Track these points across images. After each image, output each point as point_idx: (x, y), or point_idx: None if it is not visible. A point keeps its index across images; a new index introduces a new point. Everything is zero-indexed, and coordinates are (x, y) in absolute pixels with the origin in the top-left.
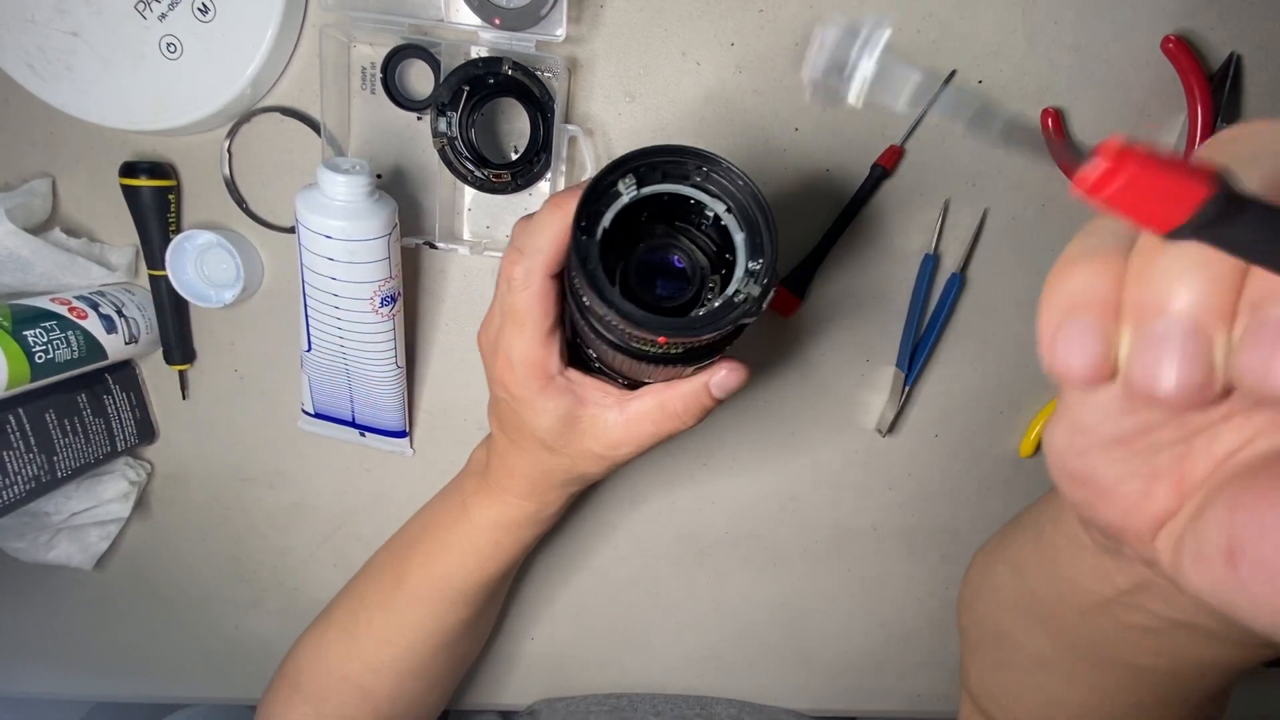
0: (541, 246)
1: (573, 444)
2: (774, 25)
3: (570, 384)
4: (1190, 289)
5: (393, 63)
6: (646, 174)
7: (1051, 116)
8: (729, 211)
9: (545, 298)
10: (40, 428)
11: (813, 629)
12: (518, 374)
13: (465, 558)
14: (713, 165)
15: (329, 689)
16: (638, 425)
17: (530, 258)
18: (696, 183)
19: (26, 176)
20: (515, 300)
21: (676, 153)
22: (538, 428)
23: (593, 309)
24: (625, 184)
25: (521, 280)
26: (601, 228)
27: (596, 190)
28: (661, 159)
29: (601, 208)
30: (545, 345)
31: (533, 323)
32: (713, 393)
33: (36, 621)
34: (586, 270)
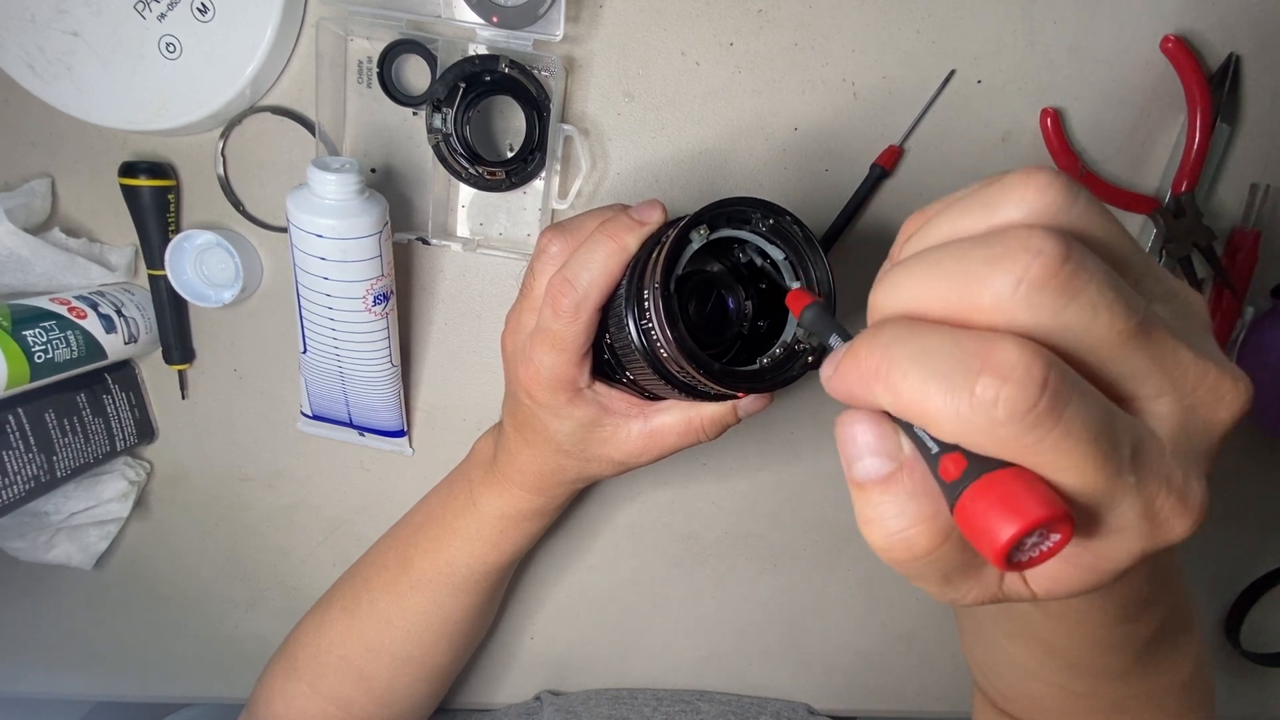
0: (596, 282)
1: (590, 450)
2: (773, 25)
3: (596, 395)
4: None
5: (389, 58)
6: (714, 219)
7: (1051, 117)
8: (786, 260)
9: (590, 328)
10: (40, 427)
11: (813, 629)
12: (546, 385)
13: (471, 545)
14: (778, 216)
15: (327, 667)
16: (661, 437)
17: (583, 294)
18: (760, 231)
19: (26, 176)
20: (561, 329)
21: (746, 203)
22: (558, 433)
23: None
24: (698, 234)
25: (570, 313)
26: (675, 277)
27: (679, 246)
28: (731, 208)
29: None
30: (579, 365)
31: (573, 348)
32: (739, 415)
33: (36, 621)
34: (675, 331)
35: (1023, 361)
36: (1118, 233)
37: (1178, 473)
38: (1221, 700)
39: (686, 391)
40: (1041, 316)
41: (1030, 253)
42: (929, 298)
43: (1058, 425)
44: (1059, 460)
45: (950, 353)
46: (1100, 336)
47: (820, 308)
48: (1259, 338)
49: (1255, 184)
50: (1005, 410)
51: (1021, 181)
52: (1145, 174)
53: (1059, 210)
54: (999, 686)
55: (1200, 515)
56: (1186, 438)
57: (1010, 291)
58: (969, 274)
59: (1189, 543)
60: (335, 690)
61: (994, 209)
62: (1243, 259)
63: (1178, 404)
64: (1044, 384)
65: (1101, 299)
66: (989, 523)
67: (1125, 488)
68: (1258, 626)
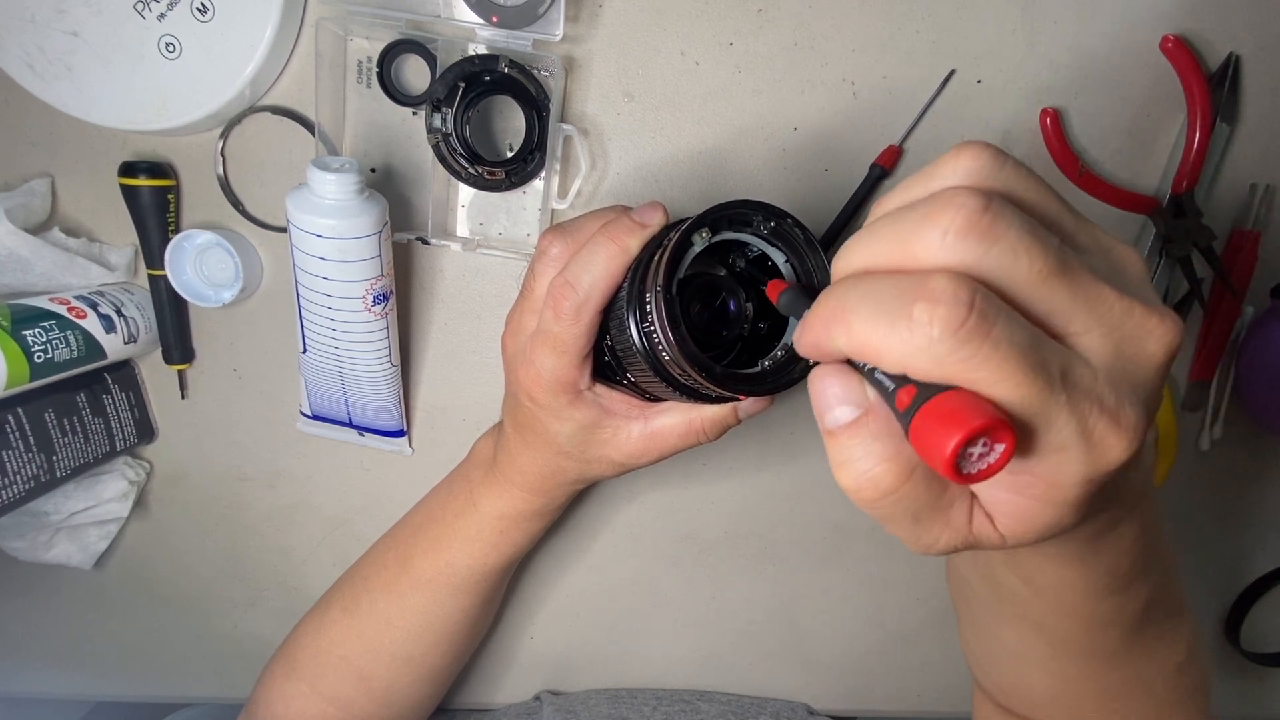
0: (598, 284)
1: (590, 451)
2: (773, 25)
3: (597, 397)
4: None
5: (389, 58)
6: (716, 222)
7: (1050, 117)
8: (787, 263)
9: (591, 331)
10: (39, 427)
11: (813, 629)
12: (547, 387)
13: (471, 545)
14: (780, 219)
15: (326, 667)
16: (661, 439)
17: (585, 297)
18: (761, 234)
19: (26, 176)
20: (562, 331)
21: (747, 206)
22: (558, 435)
23: (676, 363)
24: (700, 237)
25: (572, 315)
26: (677, 280)
27: (681, 250)
28: (733, 211)
29: (680, 265)
30: (580, 367)
31: (574, 350)
32: (740, 417)
33: (36, 621)
34: (677, 334)
35: (951, 286)
36: (1044, 193)
37: (1110, 395)
38: (1221, 700)
39: (687, 394)
40: (967, 260)
41: (954, 207)
42: (875, 257)
43: (986, 340)
44: (992, 374)
45: (892, 289)
46: (1023, 275)
47: (793, 291)
48: (1259, 338)
49: (1255, 184)
50: (939, 328)
51: (955, 153)
52: (1145, 174)
53: (986, 174)
54: (995, 679)
55: (1135, 436)
56: (1120, 367)
57: (939, 242)
58: (905, 233)
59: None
60: (335, 690)
61: (932, 179)
62: (1243, 259)
63: (1105, 338)
64: (970, 303)
65: (1020, 243)
66: (935, 437)
67: (1058, 404)
68: (1258, 626)
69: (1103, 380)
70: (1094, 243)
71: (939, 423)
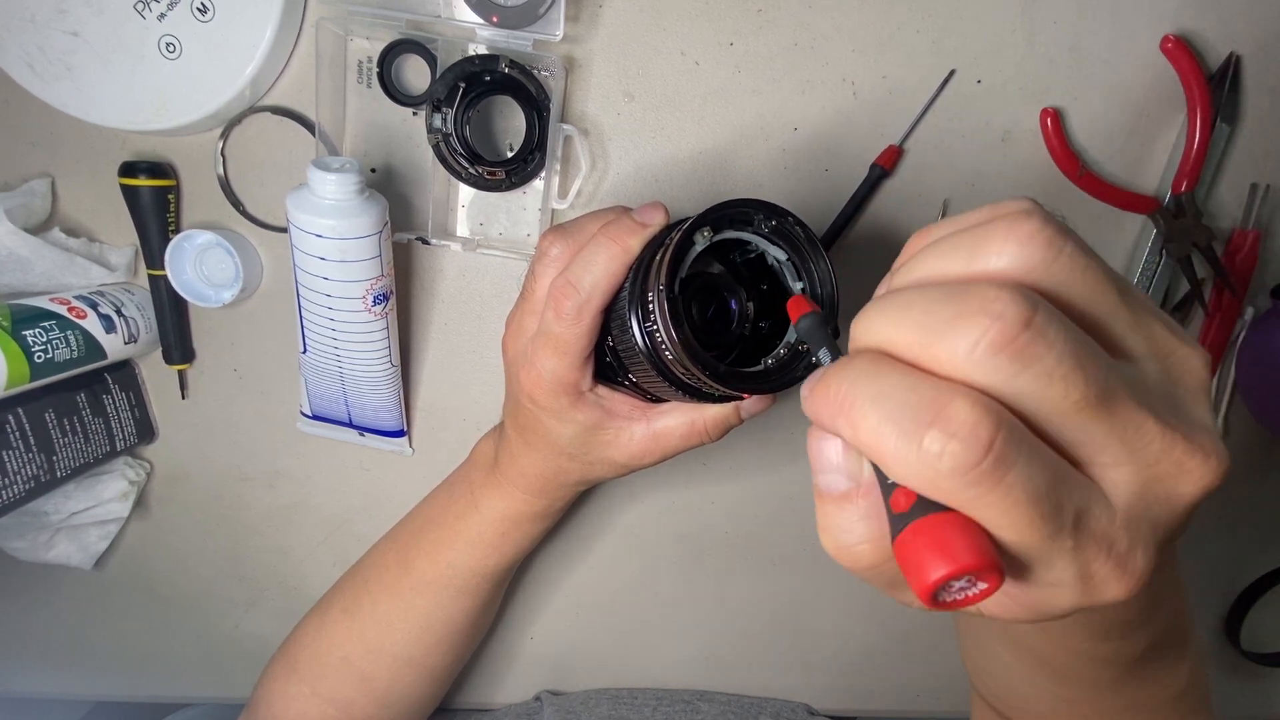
0: (599, 285)
1: (592, 453)
2: (773, 25)
3: (599, 399)
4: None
5: (389, 58)
6: (718, 221)
7: (1051, 117)
8: (788, 261)
9: (592, 331)
10: (40, 427)
11: (813, 629)
12: (549, 388)
13: (472, 547)
14: (780, 218)
15: (327, 669)
16: (664, 440)
17: (586, 297)
18: (762, 233)
19: (26, 176)
20: (564, 332)
21: (748, 205)
22: (560, 436)
23: (679, 362)
24: (702, 236)
25: (573, 315)
26: (679, 279)
27: (683, 249)
28: (734, 210)
29: (682, 264)
30: (582, 369)
31: (576, 351)
32: (742, 416)
33: (36, 621)
34: (680, 333)
35: (971, 419)
36: (1103, 288)
37: (1123, 541)
38: (1221, 700)
39: (690, 393)
40: (994, 380)
41: (990, 316)
42: (898, 341)
43: (998, 486)
44: (997, 517)
45: (907, 400)
46: (1054, 405)
47: (815, 319)
48: (1259, 338)
49: (1255, 184)
50: (948, 464)
51: (1005, 231)
52: (1145, 174)
53: (1037, 266)
54: (994, 690)
55: (1138, 583)
56: (1144, 507)
57: (966, 352)
58: (933, 328)
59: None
60: (335, 691)
61: (975, 256)
62: (1243, 259)
63: (1136, 475)
64: (989, 445)
65: (1058, 369)
66: (921, 561)
67: (1061, 550)
68: (1258, 626)
69: (1120, 523)
70: (1151, 348)
71: (928, 548)
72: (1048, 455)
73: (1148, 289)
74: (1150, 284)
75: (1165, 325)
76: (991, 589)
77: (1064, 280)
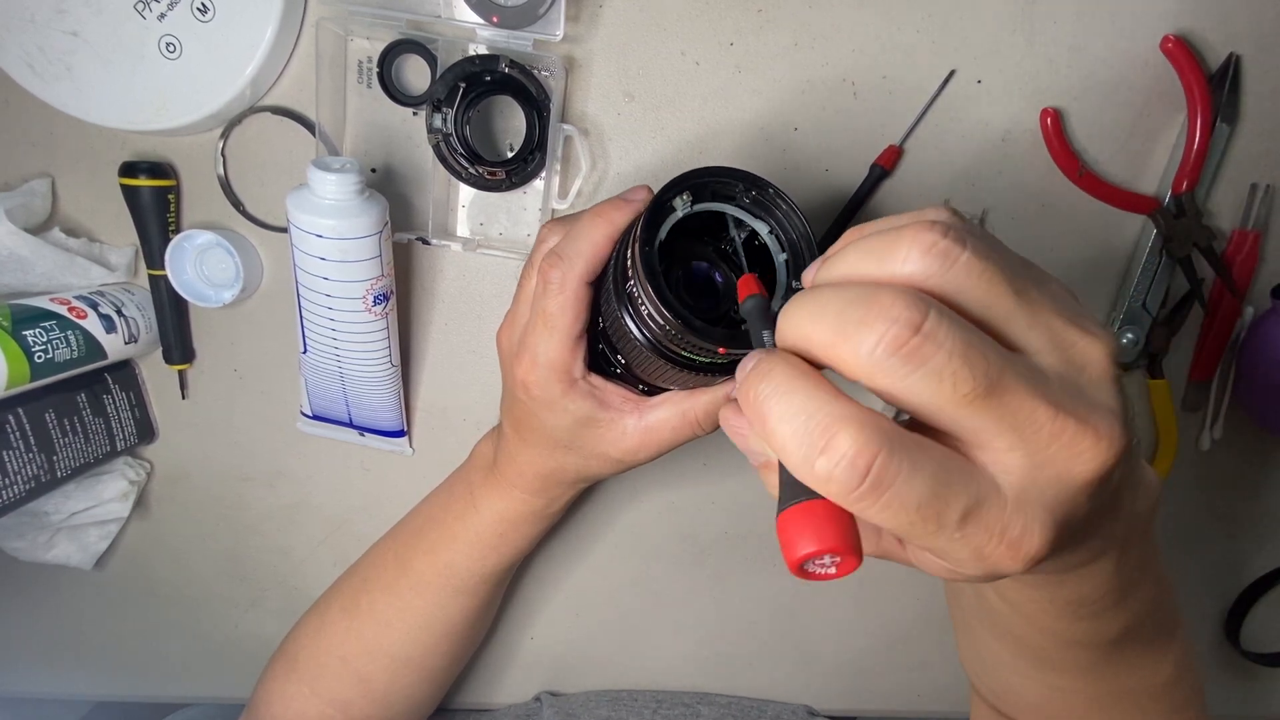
0: (582, 252)
1: (587, 446)
2: (773, 25)
3: (592, 388)
4: None
5: (389, 58)
6: (699, 191)
7: (1051, 117)
8: (771, 233)
9: (579, 303)
10: (40, 427)
11: (813, 628)
12: (541, 374)
13: (471, 548)
14: (761, 189)
15: (326, 669)
16: (657, 432)
17: (569, 263)
18: (744, 205)
19: (26, 176)
20: (550, 303)
21: (728, 174)
22: (555, 428)
23: (653, 316)
24: (681, 201)
25: (559, 284)
26: (659, 239)
27: (659, 206)
28: (714, 179)
29: (659, 221)
30: (572, 350)
31: (564, 326)
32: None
33: (36, 621)
34: (653, 281)
35: (852, 450)
36: (997, 290)
37: (1016, 524)
38: (1221, 700)
39: (673, 362)
40: (891, 379)
41: (887, 320)
42: (814, 336)
43: (876, 502)
44: (881, 521)
45: (806, 426)
46: (946, 399)
47: (758, 303)
48: (1259, 338)
49: (1255, 184)
50: (835, 488)
51: (910, 238)
52: (1145, 174)
53: (935, 273)
54: (989, 683)
55: (1033, 558)
56: (1036, 489)
57: (868, 354)
58: (843, 330)
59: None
60: (334, 692)
61: (885, 260)
62: (1243, 259)
63: (1027, 458)
64: (865, 472)
65: (947, 366)
66: (791, 538)
67: (949, 539)
68: (1258, 626)
69: (1012, 506)
70: (1050, 340)
71: (799, 528)
72: (929, 465)
73: (1147, 289)
74: (1150, 284)
75: (1066, 318)
76: (849, 568)
77: (959, 285)
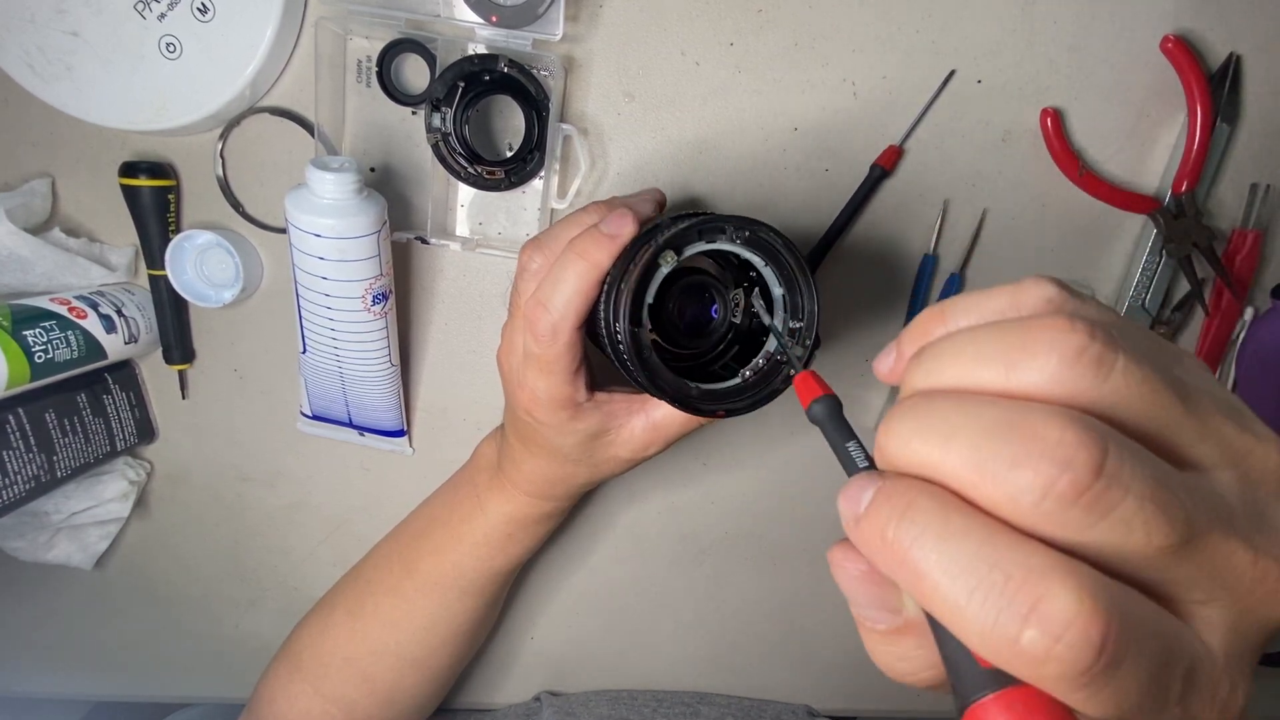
0: (569, 301)
1: (596, 454)
2: (773, 25)
3: (597, 405)
4: None
5: (388, 57)
6: (679, 243)
7: (1051, 117)
8: (766, 265)
9: (573, 348)
10: (40, 427)
11: (813, 628)
12: (544, 406)
13: (479, 549)
14: (753, 228)
15: (330, 669)
16: (664, 429)
17: (556, 314)
18: (735, 242)
19: (26, 176)
20: (543, 352)
21: (717, 220)
22: (563, 446)
23: (647, 390)
24: (665, 259)
25: (549, 337)
26: (647, 305)
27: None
28: (701, 226)
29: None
30: (573, 383)
31: (561, 369)
32: None
33: (36, 621)
34: (646, 366)
35: (1080, 618)
36: (1163, 401)
37: (1224, 685)
38: None
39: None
40: (1066, 533)
41: (1057, 464)
42: (943, 470)
43: (1108, 686)
44: (1104, 709)
45: (989, 578)
46: (1136, 552)
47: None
48: (1259, 338)
49: (1255, 184)
50: (1054, 670)
51: (1048, 343)
52: (1145, 174)
53: (1089, 389)
54: None
55: (1233, 717)
56: (1242, 642)
57: (1032, 504)
58: (987, 467)
59: None
60: (338, 691)
61: (1014, 369)
62: (1243, 259)
63: (1230, 609)
64: (1101, 647)
65: (1138, 515)
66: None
67: (1170, 717)
68: None
69: (1221, 669)
70: (1224, 454)
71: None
72: (1156, 628)
73: (1147, 289)
74: (1150, 284)
75: (1235, 422)
76: None
77: (1119, 400)
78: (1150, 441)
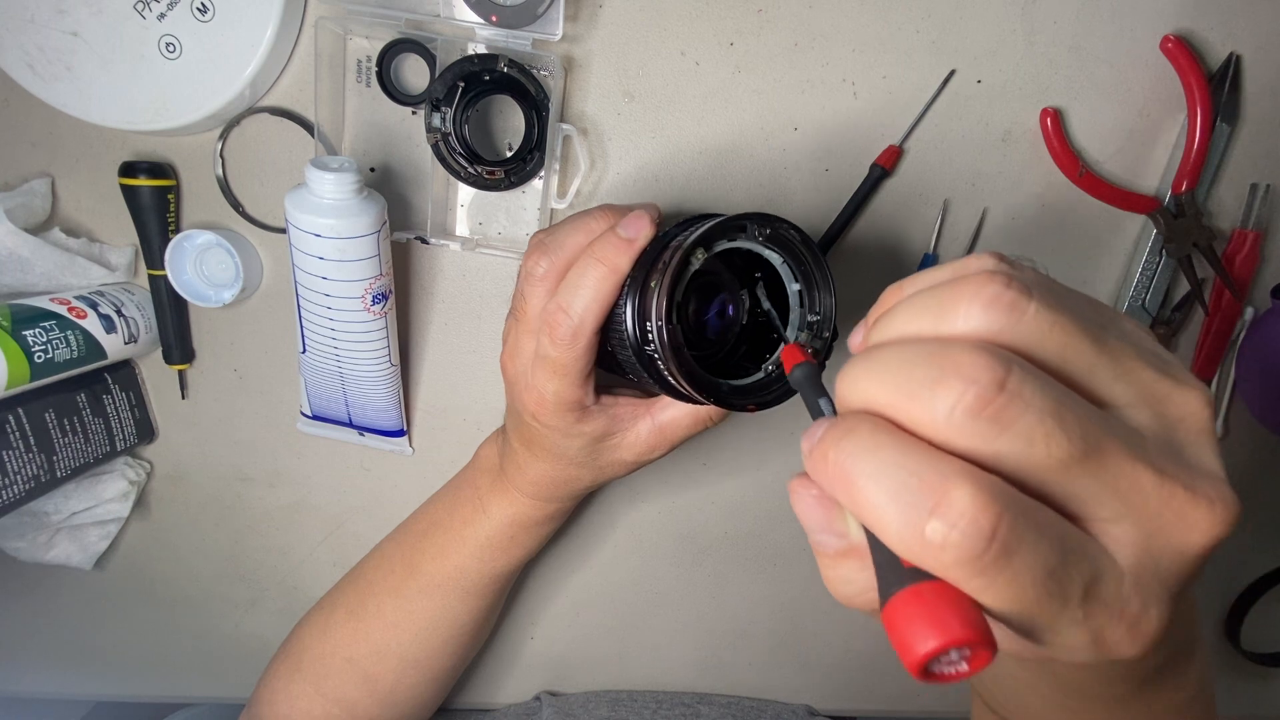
0: (589, 307)
1: (601, 458)
2: (773, 25)
3: (603, 408)
4: None
5: (388, 57)
6: (712, 237)
7: (1051, 117)
8: (784, 263)
9: (589, 351)
10: (40, 427)
11: (813, 628)
12: (551, 409)
13: (482, 550)
14: (774, 225)
15: (332, 669)
16: (670, 431)
17: (576, 319)
18: (756, 239)
19: (26, 176)
20: (560, 356)
21: (743, 218)
22: (568, 449)
23: (679, 387)
24: (697, 256)
25: (569, 340)
26: (677, 302)
27: (679, 279)
28: (729, 225)
29: (675, 297)
30: (583, 386)
31: (575, 372)
32: None
33: (36, 621)
34: (681, 363)
35: (972, 508)
36: (1076, 341)
37: (1134, 602)
38: (1221, 700)
39: (693, 400)
40: (976, 443)
41: (964, 380)
42: (879, 399)
43: (1002, 574)
44: (1000, 599)
45: (906, 482)
46: (1040, 464)
47: (808, 370)
48: (1259, 338)
49: (1255, 184)
50: (952, 555)
51: (970, 292)
52: (1145, 174)
53: (1005, 327)
54: (998, 696)
55: (1151, 641)
56: (1152, 563)
57: (945, 417)
58: (913, 392)
59: None
60: (340, 692)
61: (943, 318)
62: (1243, 259)
63: (1137, 529)
64: (992, 535)
65: (1039, 428)
66: (910, 630)
67: (1070, 620)
68: (1258, 626)
69: (1130, 583)
70: (1141, 394)
71: (918, 617)
72: (1053, 531)
73: (1147, 289)
74: (1150, 284)
75: (1155, 368)
76: (983, 662)
77: (1032, 340)
78: (1065, 379)
